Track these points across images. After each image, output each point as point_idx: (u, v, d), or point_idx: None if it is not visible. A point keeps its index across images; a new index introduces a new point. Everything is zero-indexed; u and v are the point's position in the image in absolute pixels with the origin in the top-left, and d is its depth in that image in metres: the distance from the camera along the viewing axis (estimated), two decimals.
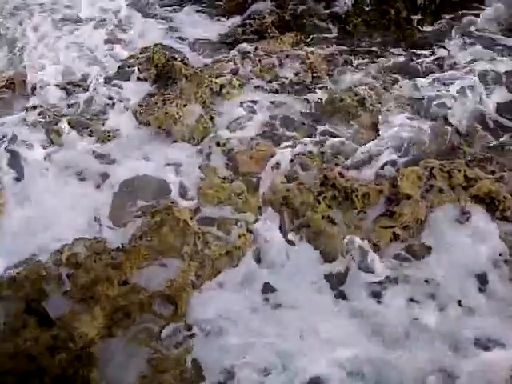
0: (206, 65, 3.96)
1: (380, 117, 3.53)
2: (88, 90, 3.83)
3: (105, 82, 3.88)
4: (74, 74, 4.20)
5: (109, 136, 3.41)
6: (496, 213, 2.92)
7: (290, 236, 2.92)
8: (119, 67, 4.03)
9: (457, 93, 3.72)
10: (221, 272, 2.78)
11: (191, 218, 2.86)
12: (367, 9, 4.27)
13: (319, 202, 2.97)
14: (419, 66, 4.04)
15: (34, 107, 3.61)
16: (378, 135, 3.42)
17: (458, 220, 2.88)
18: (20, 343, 2.46)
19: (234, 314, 2.64)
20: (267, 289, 2.74)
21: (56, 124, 3.47)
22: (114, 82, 3.88)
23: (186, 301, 2.64)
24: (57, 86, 3.84)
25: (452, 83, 3.84)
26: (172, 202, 2.94)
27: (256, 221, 2.96)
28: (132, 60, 4.01)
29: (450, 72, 3.92)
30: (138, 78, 3.88)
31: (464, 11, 4.42)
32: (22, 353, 2.44)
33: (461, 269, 2.72)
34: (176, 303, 2.62)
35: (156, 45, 4.02)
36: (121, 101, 3.69)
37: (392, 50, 4.13)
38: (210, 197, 2.97)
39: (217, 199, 2.96)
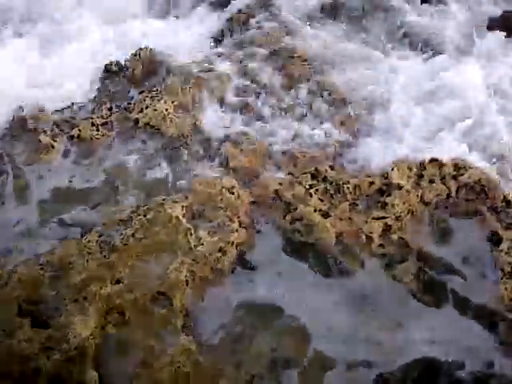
0: (193, 60, 3.93)
1: (370, 109, 3.54)
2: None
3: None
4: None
5: (97, 135, 3.38)
6: (486, 201, 2.95)
7: (283, 229, 2.92)
8: (106, 65, 4.00)
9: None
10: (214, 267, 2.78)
11: (183, 215, 2.85)
12: None
13: (311, 195, 2.97)
14: (411, 54, 4.02)
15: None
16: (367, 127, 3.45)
17: None
18: (14, 345, 2.44)
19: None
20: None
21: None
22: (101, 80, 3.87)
23: (181, 298, 2.63)
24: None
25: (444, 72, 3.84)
26: (163, 199, 2.93)
27: (248, 215, 2.96)
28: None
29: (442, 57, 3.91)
30: (125, 76, 3.86)
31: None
32: (16, 354, 2.42)
33: None
34: (171, 300, 2.62)
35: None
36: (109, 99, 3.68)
37: (382, 39, 4.11)
38: (201, 193, 2.96)
39: (208, 195, 2.95)
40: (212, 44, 4.18)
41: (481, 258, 2.82)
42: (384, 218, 2.90)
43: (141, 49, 3.89)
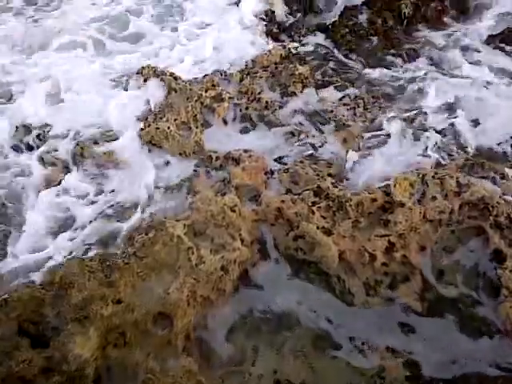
0: (195, 78, 3.95)
1: (369, 126, 3.55)
2: None
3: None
4: None
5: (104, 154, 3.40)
6: (489, 218, 2.93)
7: (286, 247, 2.90)
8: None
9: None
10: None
11: (185, 234, 2.83)
12: (354, 19, 4.32)
13: (313, 213, 2.96)
14: (406, 75, 4.07)
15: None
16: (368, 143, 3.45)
17: None
18: (13, 366, 2.41)
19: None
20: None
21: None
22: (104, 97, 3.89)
23: (182, 318, 2.60)
24: None
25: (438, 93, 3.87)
26: (165, 218, 2.91)
27: (250, 233, 2.94)
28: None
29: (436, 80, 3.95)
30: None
31: (449, 20, 4.49)
32: (15, 375, 2.39)
33: None
34: (172, 321, 2.59)
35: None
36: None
37: (379, 59, 4.16)
38: (204, 211, 2.95)
39: (210, 213, 2.94)
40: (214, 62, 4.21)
41: (485, 276, 2.79)
42: (387, 235, 2.87)
43: (143, 67, 3.92)
